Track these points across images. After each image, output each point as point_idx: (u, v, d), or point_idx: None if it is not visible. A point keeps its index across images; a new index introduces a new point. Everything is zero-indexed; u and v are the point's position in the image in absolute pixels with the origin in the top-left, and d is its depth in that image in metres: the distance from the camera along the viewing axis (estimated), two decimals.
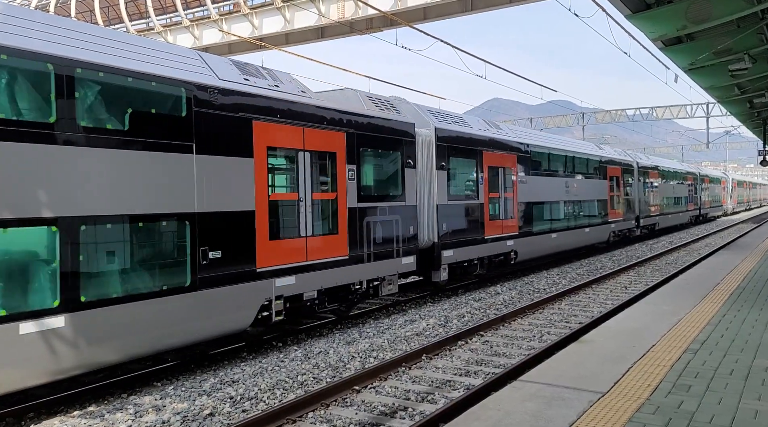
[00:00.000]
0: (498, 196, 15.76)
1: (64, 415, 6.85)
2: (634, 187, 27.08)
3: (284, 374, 8.02)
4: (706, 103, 42.73)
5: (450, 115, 14.90)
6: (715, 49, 13.63)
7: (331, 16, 25.78)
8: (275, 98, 9.13)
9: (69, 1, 34.08)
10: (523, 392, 5.38)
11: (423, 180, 13.03)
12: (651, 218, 29.50)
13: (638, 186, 27.57)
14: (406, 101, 13.88)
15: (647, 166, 29.79)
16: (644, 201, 28.36)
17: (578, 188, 20.80)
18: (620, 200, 24.97)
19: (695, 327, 7.68)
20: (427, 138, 13.27)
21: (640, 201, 27.61)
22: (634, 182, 27.18)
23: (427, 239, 13.08)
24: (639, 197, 27.52)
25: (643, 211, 28.06)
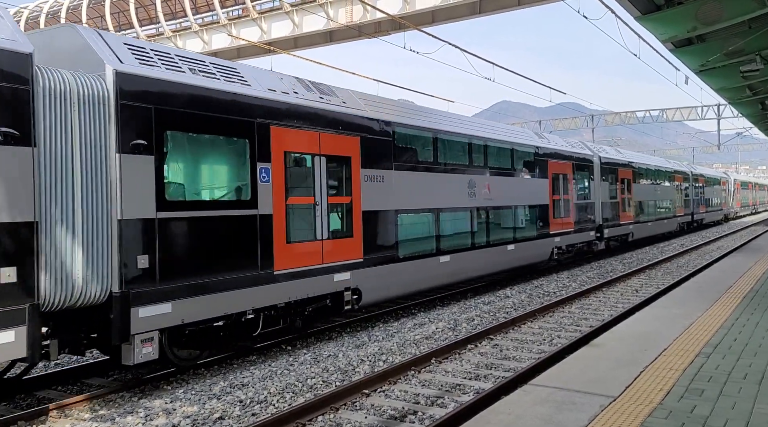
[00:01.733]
0: (310, 204, 9.78)
1: (75, 418, 6.88)
2: (593, 189, 21.32)
3: (294, 377, 8.02)
4: (717, 104, 42.43)
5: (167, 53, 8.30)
6: (727, 50, 13.53)
7: (339, 19, 25.87)
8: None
9: (80, 8, 34.43)
10: (534, 396, 5.35)
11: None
12: (620, 228, 23.61)
13: (600, 187, 21.84)
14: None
15: (614, 162, 23.70)
16: (610, 206, 22.74)
17: (494, 190, 14.94)
18: (570, 205, 19.18)
19: (708, 331, 7.60)
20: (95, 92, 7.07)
21: (603, 206, 21.93)
22: (594, 182, 21.41)
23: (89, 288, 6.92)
24: (602, 201, 21.87)
25: (608, 219, 22.35)
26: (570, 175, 19.31)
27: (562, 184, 18.74)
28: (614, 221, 22.99)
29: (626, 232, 24.43)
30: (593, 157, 21.67)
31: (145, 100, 7.44)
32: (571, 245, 19.38)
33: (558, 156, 18.66)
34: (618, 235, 23.63)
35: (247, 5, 28.70)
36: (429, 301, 13.92)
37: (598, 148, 23.51)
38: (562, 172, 18.82)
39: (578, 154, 20.36)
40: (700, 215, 38.39)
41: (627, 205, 24.54)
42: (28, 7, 36.53)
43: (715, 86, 18.83)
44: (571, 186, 19.28)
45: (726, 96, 21.31)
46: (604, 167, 22.48)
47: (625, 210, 24.22)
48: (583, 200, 20.25)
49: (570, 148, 20.03)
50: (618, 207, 23.51)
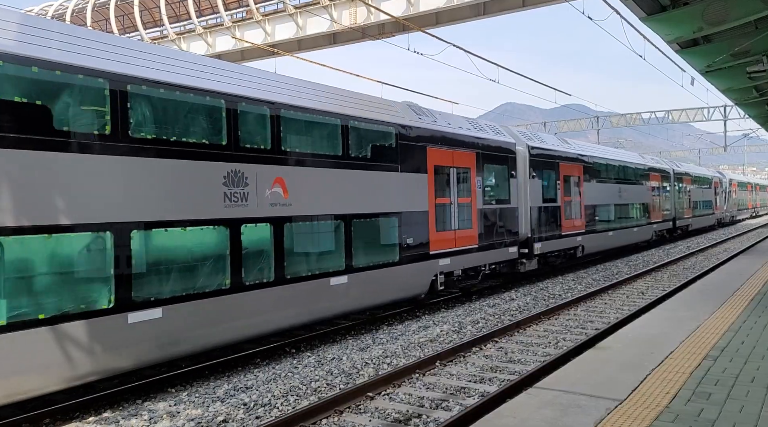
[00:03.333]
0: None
1: (79, 421, 6.88)
2: (517, 189, 15.99)
3: (297, 380, 8.00)
4: (723, 105, 42.24)
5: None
6: (733, 51, 13.45)
7: (343, 22, 25.89)
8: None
9: (85, 11, 34.60)
10: (539, 399, 5.30)
11: None
12: (561, 240, 18.18)
13: (528, 187, 16.60)
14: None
15: (552, 154, 18.02)
16: (544, 212, 17.22)
17: (302, 191, 9.55)
18: (472, 212, 13.99)
19: (715, 334, 7.54)
20: None
21: (533, 212, 16.62)
22: (517, 180, 16.06)
23: None
24: (531, 205, 16.54)
25: (541, 230, 17.09)
26: (473, 170, 13.92)
27: (456, 181, 13.34)
28: (552, 232, 17.59)
29: (572, 245, 18.89)
30: (515, 145, 16.05)
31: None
32: (474, 268, 14.05)
33: (447, 141, 13.09)
34: (559, 249, 18.17)
35: (250, 7, 28.76)
36: (433, 303, 13.88)
37: (530, 135, 17.86)
38: (458, 166, 13.35)
39: (488, 140, 14.69)
40: (684, 220, 32.53)
41: (574, 211, 19.14)
42: (33, 10, 36.73)
43: (722, 87, 18.73)
44: (473, 185, 13.96)
45: (732, 97, 21.19)
46: (536, 160, 16.98)
47: (570, 217, 18.81)
48: (496, 205, 14.93)
49: (475, 130, 14.54)
50: (559, 213, 18.05)
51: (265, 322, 8.89)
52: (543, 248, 17.14)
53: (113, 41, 7.63)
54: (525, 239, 16.39)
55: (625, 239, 23.76)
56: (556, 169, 18.35)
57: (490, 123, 16.21)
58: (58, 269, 6.57)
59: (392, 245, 11.45)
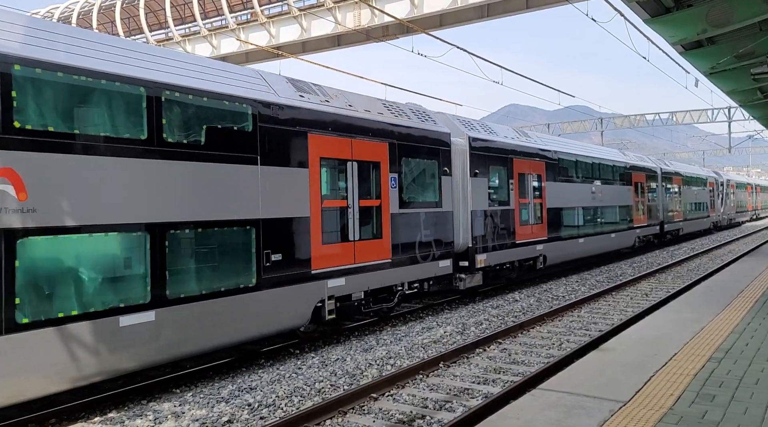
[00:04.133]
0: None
1: (85, 421, 6.92)
2: (451, 189, 13.13)
3: (302, 381, 8.02)
4: (727, 107, 42.14)
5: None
6: (737, 52, 13.44)
7: (347, 24, 25.95)
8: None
9: (91, 13, 34.78)
10: (543, 400, 5.31)
11: None
12: (515, 250, 15.42)
13: (468, 186, 13.70)
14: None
15: (502, 148, 15.07)
16: (491, 217, 14.40)
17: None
18: (381, 217, 11.19)
19: (719, 335, 7.53)
20: None
21: (474, 218, 13.77)
22: (452, 178, 13.25)
23: None
24: (472, 209, 13.72)
25: (486, 239, 14.13)
26: (384, 165, 11.11)
27: (357, 179, 10.54)
28: (502, 241, 14.84)
29: (530, 255, 16.13)
30: (450, 136, 13.06)
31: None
32: (386, 289, 11.21)
33: (343, 127, 10.23)
34: (512, 261, 15.32)
35: (255, 10, 28.86)
36: (437, 304, 13.89)
37: (474, 124, 14.83)
38: (360, 159, 10.60)
39: (409, 128, 11.80)
40: (674, 224, 29.53)
41: (533, 215, 16.48)
42: (40, 12, 36.94)
43: (726, 89, 18.71)
44: (385, 183, 11.15)
45: (737, 99, 21.16)
46: (480, 154, 14.11)
47: (527, 222, 16.11)
48: (421, 208, 12.07)
49: (391, 115, 11.63)
50: (512, 218, 15.32)
51: None
52: (489, 259, 14.17)
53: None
54: (464, 249, 13.50)
55: (600, 246, 20.74)
56: (509, 165, 15.35)
57: (418, 107, 12.94)
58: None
59: (244, 263, 8.40)
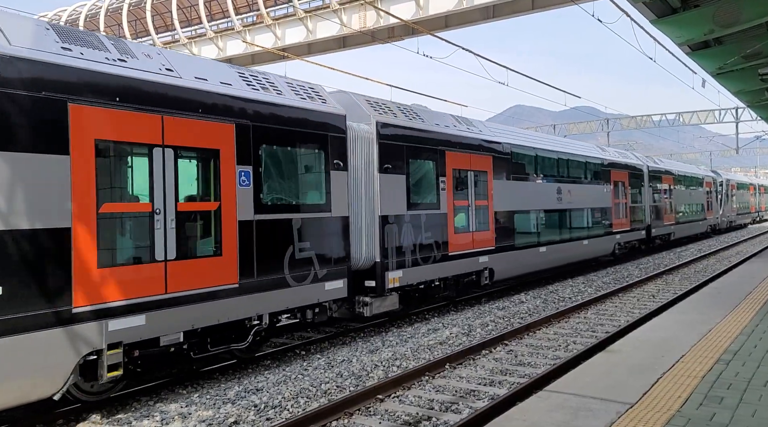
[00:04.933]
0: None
1: (91, 422, 6.94)
2: (339, 188, 10.23)
3: (308, 382, 8.03)
4: (735, 107, 41.91)
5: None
6: (744, 52, 13.38)
7: (352, 25, 25.99)
8: None
9: (98, 16, 34.99)
10: (549, 402, 5.30)
11: None
12: (451, 264, 12.68)
13: (372, 185, 11.08)
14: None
15: (417, 136, 11.96)
16: (411, 225, 11.65)
17: None
18: (204, 230, 8.04)
19: (727, 337, 7.49)
20: None
21: (382, 228, 10.99)
22: (348, 174, 10.41)
23: None
24: (382, 214, 11.05)
25: (398, 250, 11.30)
26: (229, 155, 8.19)
27: (166, 174, 7.48)
28: (428, 253, 11.97)
29: (471, 269, 13.32)
30: (345, 119, 10.20)
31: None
32: (233, 324, 8.28)
33: (146, 98, 7.32)
34: (444, 277, 12.45)
35: (261, 12, 28.95)
36: (443, 306, 13.87)
37: (389, 107, 11.84)
38: (178, 145, 7.60)
39: (271, 106, 8.89)
40: (664, 228, 26.72)
41: (475, 221, 13.57)
42: (47, 15, 37.18)
43: (733, 89, 18.62)
44: (228, 180, 8.17)
45: (744, 99, 21.06)
46: (394, 145, 11.32)
47: (466, 229, 13.23)
48: (293, 213, 9.17)
49: (241, 86, 8.64)
50: (443, 225, 12.44)
51: None
52: (407, 277, 11.41)
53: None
54: (370, 265, 10.80)
55: (569, 255, 18.00)
56: (440, 159, 12.43)
57: (298, 82, 9.97)
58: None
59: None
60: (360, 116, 11.09)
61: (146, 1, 32.89)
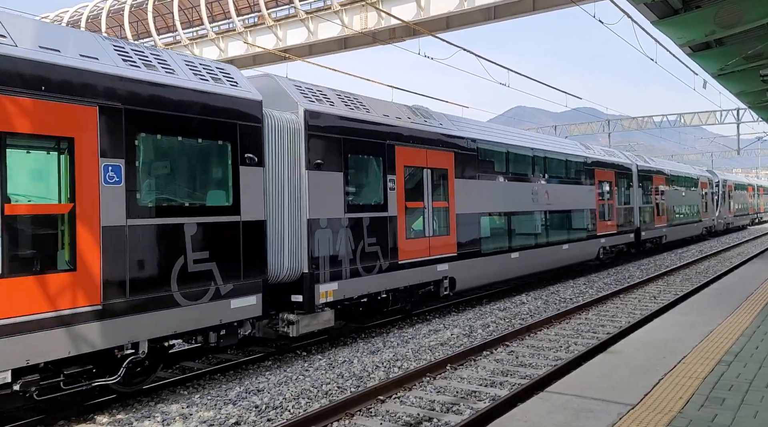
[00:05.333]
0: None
1: (93, 422, 6.95)
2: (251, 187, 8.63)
3: (309, 383, 8.03)
4: (736, 108, 41.90)
5: None
6: (746, 53, 13.37)
7: (354, 26, 26.01)
8: None
9: (100, 17, 35.04)
10: (550, 403, 5.30)
11: None
12: (400, 274, 11.17)
13: (291, 182, 9.53)
14: None
15: (356, 128, 10.46)
16: (349, 231, 10.14)
17: None
18: (42, 240, 6.41)
19: (728, 338, 7.48)
20: None
21: (312, 234, 9.45)
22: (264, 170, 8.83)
23: None
24: (293, 221, 9.36)
25: (334, 259, 9.82)
26: (85, 145, 6.70)
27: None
28: (372, 262, 10.51)
29: (430, 278, 11.91)
30: (260, 106, 8.67)
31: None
32: (96, 354, 6.74)
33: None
34: (394, 288, 11.00)
35: (262, 13, 28.98)
36: (444, 307, 13.87)
37: (322, 92, 10.37)
38: (33, 132, 6.31)
39: (154, 85, 7.42)
40: (654, 230, 25.32)
41: (433, 225, 12.08)
42: (49, 16, 37.25)
43: (734, 90, 18.62)
44: (87, 177, 6.71)
45: (745, 100, 21.06)
46: (328, 137, 9.87)
47: (421, 234, 11.78)
48: (183, 217, 7.67)
49: (113, 59, 7.21)
50: (390, 230, 10.95)
51: None
52: (345, 289, 9.89)
53: None
54: (297, 277, 9.30)
55: (546, 260, 16.64)
56: (388, 155, 11.01)
57: (204, 61, 8.54)
58: None
59: None
60: (287, 104, 9.61)
61: (148, 3, 32.94)
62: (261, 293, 8.49)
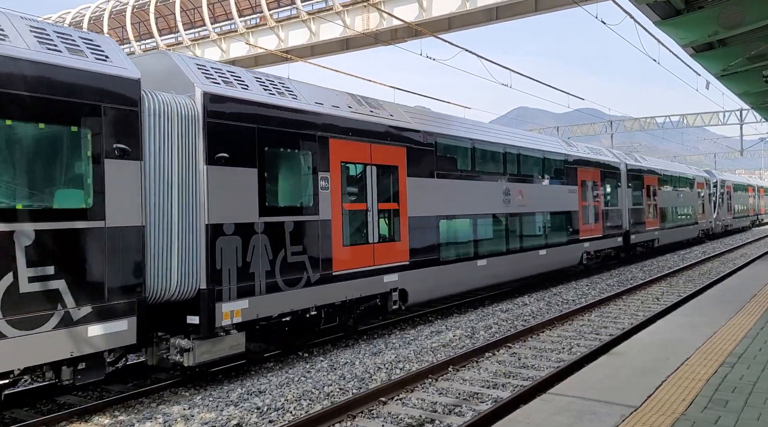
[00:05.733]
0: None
1: (94, 424, 6.95)
2: (118, 187, 7.16)
3: (310, 384, 8.02)
4: (739, 109, 41.83)
5: None
6: (749, 54, 13.34)
7: (355, 27, 26.02)
8: None
9: (102, 18, 35.12)
10: (553, 405, 5.28)
11: None
12: (332, 287, 9.70)
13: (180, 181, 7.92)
14: None
15: (273, 115, 8.88)
16: (262, 239, 8.52)
17: None
18: None
19: (731, 340, 7.45)
20: None
21: (209, 244, 7.86)
22: (142, 165, 7.37)
23: None
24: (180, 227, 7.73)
25: (243, 273, 8.27)
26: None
27: None
28: (296, 274, 9.05)
29: (375, 291, 10.63)
30: (135, 85, 7.20)
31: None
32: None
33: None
34: (325, 304, 9.62)
35: (264, 14, 29.01)
36: (446, 308, 13.85)
37: (230, 72, 8.92)
38: None
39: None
40: (645, 233, 23.83)
41: (378, 229, 10.67)
42: (52, 17, 37.34)
43: (738, 91, 18.58)
44: None
45: (749, 101, 21.00)
46: (232, 127, 8.39)
47: (364, 240, 10.39)
48: (45, 222, 6.33)
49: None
50: (322, 237, 9.53)
51: None
52: (259, 308, 8.44)
53: None
54: (193, 295, 7.77)
55: (519, 268, 15.18)
56: (320, 149, 9.57)
57: (60, 29, 7.11)
58: None
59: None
60: (182, 85, 8.04)
61: (150, 4, 33.01)
62: (136, 316, 7.01)
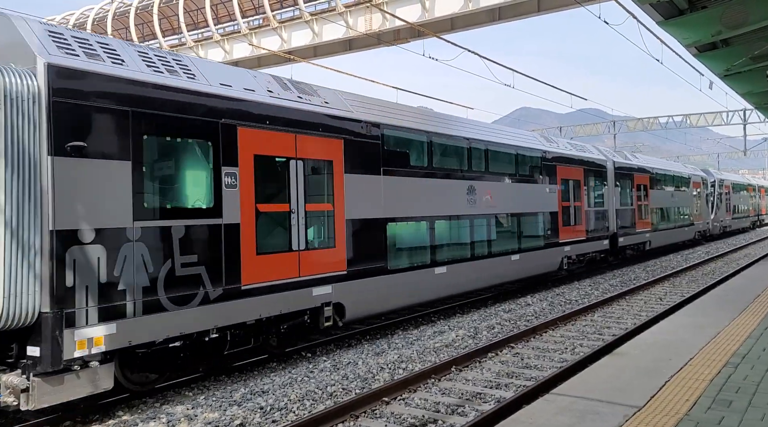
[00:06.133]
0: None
1: (99, 424, 6.97)
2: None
3: (313, 384, 8.03)
4: (743, 109, 41.73)
5: None
6: (752, 54, 13.32)
7: (358, 28, 26.04)
8: None
9: (105, 19, 35.24)
10: (556, 405, 5.27)
11: None
12: (240, 305, 8.11)
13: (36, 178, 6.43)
14: None
15: (155, 98, 7.25)
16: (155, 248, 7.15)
17: None
18: None
19: (735, 340, 7.44)
20: None
21: (86, 256, 6.49)
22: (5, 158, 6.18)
23: None
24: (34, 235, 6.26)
25: (113, 292, 6.67)
26: None
27: None
28: (192, 289, 7.57)
29: (302, 306, 9.13)
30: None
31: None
32: None
33: None
34: (229, 325, 8.07)
35: (267, 15, 29.06)
36: (449, 308, 13.84)
37: (101, 43, 7.20)
38: None
39: None
40: (636, 236, 22.45)
41: (305, 235, 9.21)
42: (55, 19, 37.45)
43: (741, 91, 18.54)
44: None
45: (752, 101, 20.97)
46: (87, 109, 6.64)
47: (284, 247, 8.90)
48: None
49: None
50: (228, 244, 8.04)
51: None
52: (132, 332, 6.92)
53: None
54: (32, 320, 6.26)
55: (488, 275, 13.80)
56: (224, 139, 8.06)
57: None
58: None
59: None
60: (23, 56, 6.46)
61: (153, 5, 33.09)
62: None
